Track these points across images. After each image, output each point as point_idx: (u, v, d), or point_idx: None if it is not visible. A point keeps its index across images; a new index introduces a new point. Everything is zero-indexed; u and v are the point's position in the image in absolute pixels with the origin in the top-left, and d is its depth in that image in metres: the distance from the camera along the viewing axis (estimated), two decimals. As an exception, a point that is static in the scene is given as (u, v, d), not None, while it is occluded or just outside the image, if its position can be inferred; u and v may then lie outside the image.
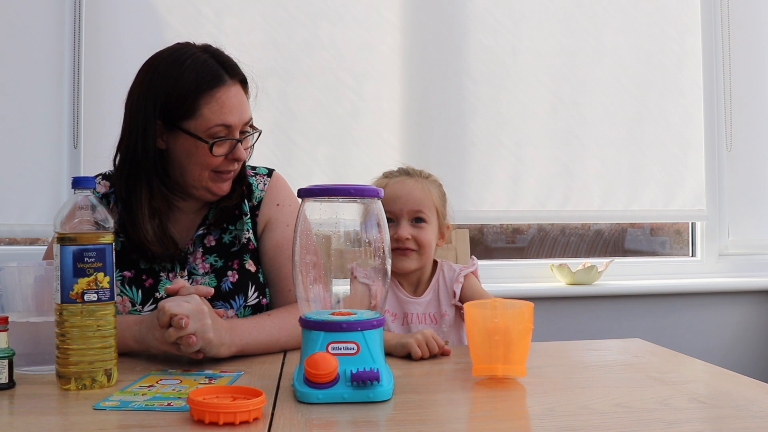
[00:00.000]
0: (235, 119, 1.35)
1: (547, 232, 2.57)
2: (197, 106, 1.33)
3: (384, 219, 1.07)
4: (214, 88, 1.33)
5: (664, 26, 2.45)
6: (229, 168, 1.37)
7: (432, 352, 1.27)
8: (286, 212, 1.47)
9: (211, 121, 1.33)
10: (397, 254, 1.47)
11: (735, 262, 2.52)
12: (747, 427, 0.88)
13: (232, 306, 1.39)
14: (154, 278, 1.38)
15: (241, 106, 1.36)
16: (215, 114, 1.33)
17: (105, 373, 1.05)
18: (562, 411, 0.98)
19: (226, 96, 1.34)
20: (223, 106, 1.33)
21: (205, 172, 1.36)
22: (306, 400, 0.96)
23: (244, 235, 1.43)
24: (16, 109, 2.09)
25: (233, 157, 1.36)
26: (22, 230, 2.10)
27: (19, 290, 1.14)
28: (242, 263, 1.42)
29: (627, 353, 1.33)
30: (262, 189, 1.48)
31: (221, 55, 1.39)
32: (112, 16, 2.13)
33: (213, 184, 1.37)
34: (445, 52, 2.31)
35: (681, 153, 2.46)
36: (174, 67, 1.34)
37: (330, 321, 1.01)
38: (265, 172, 1.52)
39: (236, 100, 1.35)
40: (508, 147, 2.34)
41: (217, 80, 1.34)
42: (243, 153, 1.37)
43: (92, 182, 1.08)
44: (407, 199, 1.48)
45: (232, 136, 1.35)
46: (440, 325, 1.53)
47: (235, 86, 1.37)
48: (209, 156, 1.34)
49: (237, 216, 1.44)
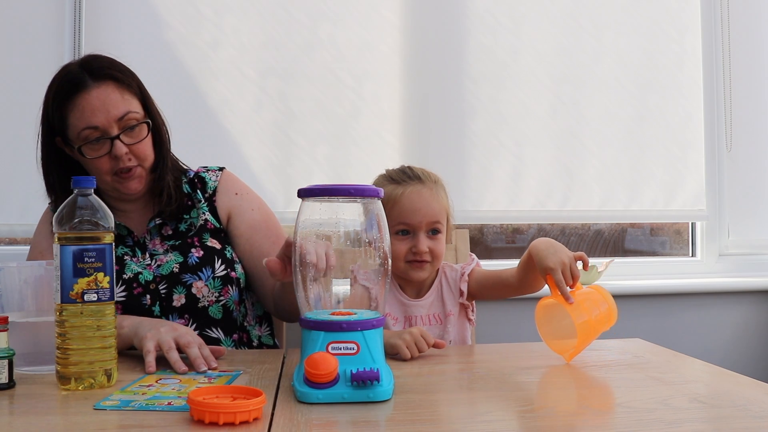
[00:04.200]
0: (100, 119, 1.37)
1: (547, 232, 2.57)
2: (65, 117, 1.39)
3: (384, 219, 1.07)
4: (74, 96, 1.38)
5: (664, 26, 2.45)
6: (125, 166, 1.40)
7: (422, 351, 1.27)
8: (246, 199, 1.58)
9: (77, 127, 1.38)
10: (413, 266, 1.49)
11: (735, 262, 2.52)
12: (747, 427, 0.88)
13: (201, 278, 1.44)
14: (119, 264, 1.43)
15: (107, 105, 1.38)
16: (79, 119, 1.38)
17: (105, 373, 1.05)
18: (562, 411, 0.98)
19: (86, 100, 1.37)
20: (84, 110, 1.37)
21: (107, 177, 1.41)
22: (306, 400, 0.96)
23: (201, 217, 1.51)
24: (16, 109, 2.09)
25: (114, 154, 1.38)
26: (22, 230, 2.10)
27: (19, 290, 1.14)
28: (202, 241, 1.49)
29: (627, 353, 1.33)
30: (215, 180, 1.58)
31: (95, 60, 1.42)
32: (112, 16, 2.13)
33: (120, 185, 1.43)
34: (445, 52, 2.31)
35: (681, 153, 2.46)
36: (48, 90, 1.42)
37: (330, 321, 1.01)
38: (216, 168, 1.62)
39: (99, 101, 1.38)
40: (508, 147, 2.34)
41: (76, 87, 1.38)
42: (121, 148, 1.38)
43: (92, 182, 1.08)
44: (426, 211, 1.48)
45: (107, 135, 1.38)
46: (445, 324, 1.53)
47: (101, 87, 1.38)
48: (93, 161, 1.39)
49: (189, 206, 1.52)
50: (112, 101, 1.39)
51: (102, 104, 1.38)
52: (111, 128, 1.38)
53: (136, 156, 1.41)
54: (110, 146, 1.38)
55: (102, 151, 1.39)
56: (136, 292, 1.42)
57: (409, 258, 1.48)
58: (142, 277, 1.43)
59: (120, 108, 1.39)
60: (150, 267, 1.45)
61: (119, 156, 1.39)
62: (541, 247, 1.32)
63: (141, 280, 1.42)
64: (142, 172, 1.44)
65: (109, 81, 1.40)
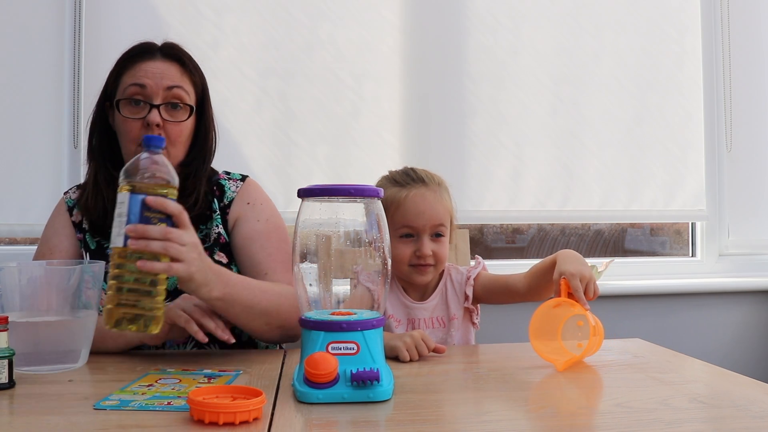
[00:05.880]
0: (149, 82, 1.38)
1: (547, 232, 2.57)
2: (120, 75, 1.40)
3: (384, 219, 1.07)
4: (138, 59, 1.40)
5: (664, 26, 2.45)
6: None
7: (422, 354, 1.26)
8: (256, 209, 1.50)
9: (125, 83, 1.39)
10: (417, 269, 1.48)
11: (735, 262, 2.52)
12: (747, 427, 0.88)
13: None
14: None
15: (161, 73, 1.39)
16: (130, 77, 1.39)
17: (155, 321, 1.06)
18: (563, 411, 0.98)
19: (147, 65, 1.39)
20: (139, 70, 1.39)
21: (131, 145, 1.39)
22: (306, 400, 0.96)
23: (214, 230, 1.46)
24: (16, 109, 2.09)
25: (147, 120, 1.37)
26: (22, 230, 2.10)
27: (19, 290, 1.14)
28: (211, 255, 1.42)
29: (627, 353, 1.33)
30: (234, 191, 1.51)
31: (169, 42, 1.45)
32: (112, 16, 2.13)
33: None
34: (445, 52, 2.31)
35: (681, 153, 2.46)
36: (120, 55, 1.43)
37: (330, 321, 1.01)
38: (239, 177, 1.55)
39: (156, 69, 1.39)
40: (507, 147, 2.34)
41: (144, 54, 1.40)
42: (155, 117, 1.37)
43: (163, 141, 1.11)
44: (431, 214, 1.47)
45: (149, 100, 1.38)
46: (448, 328, 1.52)
47: (165, 62, 1.41)
48: (126, 121, 1.37)
49: (208, 216, 1.47)
50: (169, 73, 1.40)
51: (158, 71, 1.39)
52: (156, 96, 1.38)
53: (167, 134, 1.38)
54: (147, 112, 1.37)
55: (137, 114, 1.38)
56: None
57: (413, 261, 1.47)
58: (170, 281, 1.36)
59: (173, 80, 1.39)
60: None
61: (150, 123, 1.37)
62: (569, 254, 1.32)
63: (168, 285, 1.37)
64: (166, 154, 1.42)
65: (175, 61, 1.42)
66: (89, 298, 1.18)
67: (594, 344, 1.23)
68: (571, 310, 1.22)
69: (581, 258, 1.31)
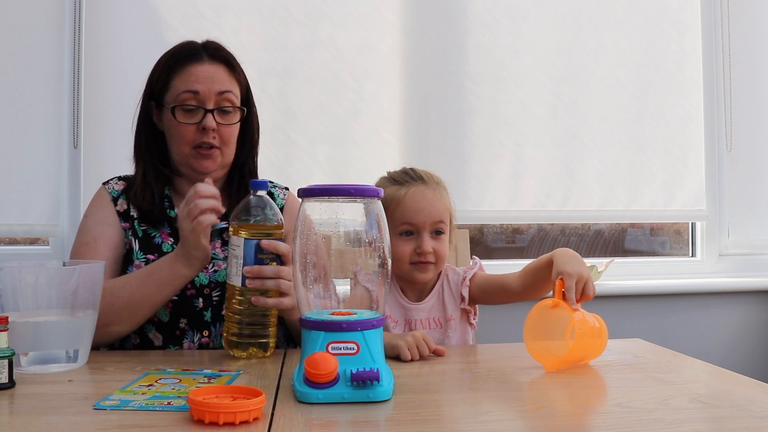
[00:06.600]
0: (203, 88, 1.41)
1: (547, 232, 2.57)
2: (170, 79, 1.43)
3: (384, 219, 1.07)
4: (187, 63, 1.43)
5: (664, 26, 2.45)
6: (206, 140, 1.42)
7: (423, 354, 1.26)
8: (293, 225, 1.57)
9: (178, 89, 1.42)
10: (417, 267, 1.48)
11: (735, 262, 2.52)
12: (747, 427, 0.88)
13: None
14: None
15: (213, 78, 1.43)
16: (182, 82, 1.42)
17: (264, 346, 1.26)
18: (562, 411, 0.98)
19: (196, 68, 1.42)
20: (191, 75, 1.42)
21: (186, 148, 1.43)
22: (306, 400, 0.96)
23: None
24: (16, 109, 2.09)
25: (203, 125, 1.40)
26: (22, 230, 2.10)
27: (19, 290, 1.14)
28: None
29: (627, 353, 1.33)
30: (283, 198, 1.59)
31: (214, 44, 1.48)
32: (112, 16, 2.13)
33: (194, 161, 1.44)
34: (445, 52, 2.31)
35: (681, 153, 2.46)
36: (162, 56, 1.47)
37: (330, 321, 1.01)
38: (283, 186, 1.62)
39: (207, 73, 1.42)
40: (508, 147, 2.34)
41: (192, 56, 1.43)
42: (211, 122, 1.41)
43: (266, 185, 1.26)
44: (430, 211, 1.47)
45: (203, 105, 1.41)
46: (445, 329, 1.52)
47: (213, 64, 1.44)
48: (181, 126, 1.41)
49: None
50: (219, 77, 1.43)
51: (209, 76, 1.42)
52: (209, 101, 1.41)
53: (221, 137, 1.43)
54: (202, 117, 1.41)
55: (193, 119, 1.41)
56: (188, 293, 1.39)
57: (413, 259, 1.47)
58: (197, 279, 1.40)
59: (224, 85, 1.43)
60: (207, 270, 1.42)
61: (207, 129, 1.41)
62: (567, 253, 1.31)
63: (195, 282, 1.40)
64: (219, 155, 1.45)
65: (222, 63, 1.46)
66: (89, 298, 1.18)
67: (594, 346, 1.23)
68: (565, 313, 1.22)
69: (578, 257, 1.30)
